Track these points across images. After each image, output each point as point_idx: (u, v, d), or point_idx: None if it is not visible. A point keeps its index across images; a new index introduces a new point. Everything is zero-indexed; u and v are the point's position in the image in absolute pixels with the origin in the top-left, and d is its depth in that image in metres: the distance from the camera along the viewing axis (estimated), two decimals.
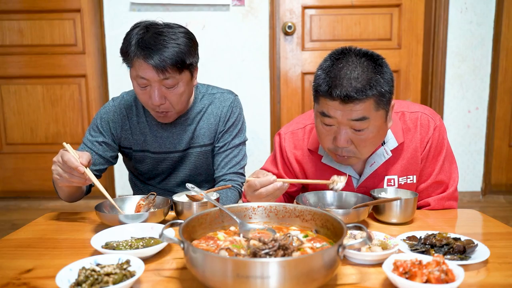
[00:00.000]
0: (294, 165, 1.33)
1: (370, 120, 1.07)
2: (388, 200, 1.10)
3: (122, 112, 1.45)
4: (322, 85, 1.07)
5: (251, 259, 0.73)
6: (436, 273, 0.72)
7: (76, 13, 2.83)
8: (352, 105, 1.04)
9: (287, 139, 1.34)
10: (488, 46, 2.82)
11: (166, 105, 1.31)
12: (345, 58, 1.07)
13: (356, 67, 1.05)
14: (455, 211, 1.29)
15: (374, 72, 1.05)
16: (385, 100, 1.08)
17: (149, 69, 1.22)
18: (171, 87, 1.27)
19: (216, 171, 1.50)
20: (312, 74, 2.89)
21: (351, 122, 1.07)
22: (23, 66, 2.90)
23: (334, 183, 1.08)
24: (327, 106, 1.08)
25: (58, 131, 2.97)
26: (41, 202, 2.99)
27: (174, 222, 0.85)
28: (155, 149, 1.45)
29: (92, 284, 0.72)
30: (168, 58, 1.21)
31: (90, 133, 1.44)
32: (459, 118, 2.89)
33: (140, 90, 1.29)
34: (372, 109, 1.06)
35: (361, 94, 1.03)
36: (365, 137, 1.10)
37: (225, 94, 1.50)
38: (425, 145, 1.25)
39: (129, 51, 1.24)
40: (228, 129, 1.48)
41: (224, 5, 2.77)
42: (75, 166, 1.08)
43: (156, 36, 1.22)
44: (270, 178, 1.07)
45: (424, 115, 1.26)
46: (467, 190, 2.96)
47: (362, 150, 1.13)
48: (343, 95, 1.03)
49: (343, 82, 1.03)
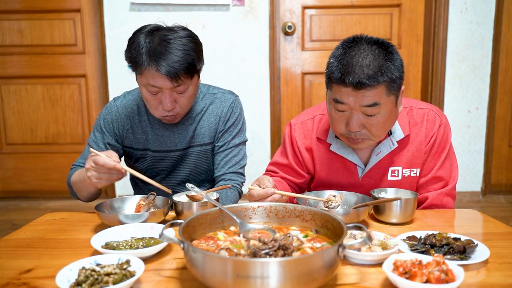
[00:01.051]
0: (304, 154, 1.36)
1: (381, 106, 1.11)
2: (388, 200, 1.10)
3: (124, 111, 1.46)
4: (335, 72, 1.10)
5: (251, 259, 0.73)
6: (436, 273, 0.72)
7: (76, 13, 2.83)
8: (364, 91, 1.08)
9: (297, 129, 1.37)
10: (488, 46, 2.82)
11: (176, 109, 1.32)
12: (357, 46, 1.11)
13: (368, 55, 1.08)
14: (455, 211, 1.29)
15: (385, 59, 1.09)
16: (396, 86, 1.11)
17: (162, 78, 1.24)
18: (182, 92, 1.30)
19: (216, 170, 1.51)
20: (312, 74, 2.89)
21: (363, 107, 1.11)
22: (23, 66, 2.90)
23: (329, 202, 1.14)
24: (340, 92, 1.11)
25: (58, 131, 2.97)
26: (41, 202, 3.00)
27: (174, 222, 0.85)
28: (156, 147, 1.46)
29: (92, 284, 0.72)
30: (180, 67, 1.23)
31: (94, 135, 1.46)
32: (459, 118, 2.89)
33: (150, 96, 1.30)
34: (383, 95, 1.10)
35: (373, 81, 1.06)
36: (377, 121, 1.14)
37: (226, 94, 1.51)
38: (430, 140, 1.28)
39: (140, 61, 1.24)
40: (228, 128, 1.49)
41: (224, 5, 2.77)
42: (112, 166, 1.12)
43: (166, 44, 1.23)
44: (268, 191, 1.10)
45: (432, 111, 1.30)
46: (467, 190, 2.96)
47: (375, 133, 1.17)
48: (356, 82, 1.06)
49: (356, 69, 1.07)
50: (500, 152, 2.93)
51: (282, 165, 1.41)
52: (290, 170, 1.40)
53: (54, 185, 3.00)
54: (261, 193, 1.09)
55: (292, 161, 1.38)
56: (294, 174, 1.40)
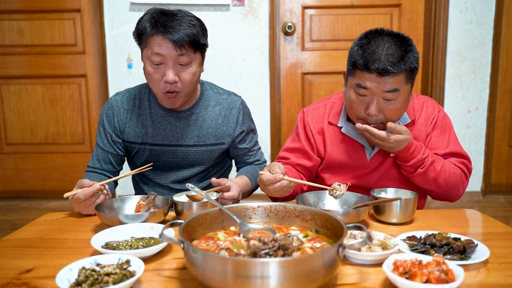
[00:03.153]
0: (316, 137, 1.44)
1: (400, 92, 1.21)
2: (388, 200, 1.10)
3: (124, 105, 1.47)
4: (360, 59, 1.21)
5: (251, 259, 0.73)
6: (436, 273, 0.72)
7: (76, 13, 2.83)
8: (387, 77, 1.18)
9: (309, 114, 1.46)
10: (488, 46, 2.82)
11: (178, 84, 1.33)
12: (380, 36, 1.22)
13: (391, 45, 1.20)
14: (455, 211, 1.29)
15: (406, 50, 1.20)
16: (414, 75, 1.24)
17: (167, 44, 1.27)
18: (185, 64, 1.32)
19: (238, 166, 1.64)
20: (312, 74, 2.89)
21: (384, 93, 1.20)
22: (23, 66, 2.90)
23: (333, 191, 1.14)
24: (363, 78, 1.21)
25: (58, 131, 2.97)
26: (41, 202, 2.99)
27: (174, 222, 0.85)
28: (156, 141, 1.46)
29: (92, 284, 0.72)
30: (185, 35, 1.27)
31: (99, 130, 1.50)
32: (459, 118, 2.89)
33: (153, 69, 1.32)
34: (403, 82, 1.21)
35: (396, 68, 1.17)
36: (394, 106, 1.23)
37: (231, 96, 1.54)
38: (431, 122, 1.38)
39: (146, 30, 1.29)
40: (241, 134, 1.54)
41: (224, 5, 2.77)
42: (93, 191, 1.18)
43: (173, 16, 1.29)
44: (277, 177, 1.14)
45: (430, 100, 1.42)
46: (467, 190, 2.93)
47: (390, 118, 1.25)
48: (381, 69, 1.17)
49: (381, 57, 1.18)
50: (500, 152, 2.92)
51: (294, 150, 1.47)
52: (302, 154, 1.45)
53: (54, 185, 3.00)
54: (270, 178, 1.14)
55: (304, 143, 1.45)
56: (305, 157, 1.45)
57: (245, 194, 1.46)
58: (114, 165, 1.50)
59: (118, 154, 1.50)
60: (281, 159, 1.49)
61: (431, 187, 1.31)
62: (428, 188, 1.33)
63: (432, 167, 1.27)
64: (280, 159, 1.49)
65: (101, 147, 1.48)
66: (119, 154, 1.50)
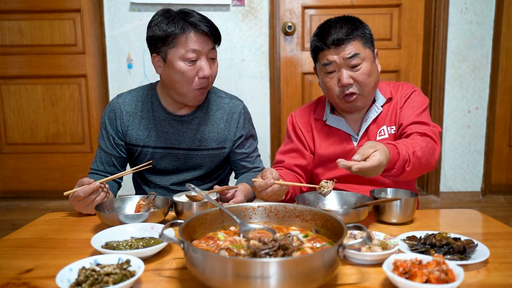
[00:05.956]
0: (306, 134, 1.51)
1: (361, 56, 1.32)
2: (388, 200, 1.10)
3: (127, 108, 1.47)
4: (317, 42, 1.36)
5: (251, 259, 0.73)
6: (436, 273, 0.72)
7: (76, 13, 2.83)
8: (343, 46, 1.31)
9: (297, 116, 1.55)
10: (488, 46, 2.82)
11: (209, 79, 1.37)
12: (328, 20, 1.38)
13: (339, 22, 1.35)
14: (455, 211, 1.29)
15: (353, 23, 1.34)
16: (369, 39, 1.36)
17: (202, 38, 1.30)
18: (214, 58, 1.37)
19: (237, 173, 1.62)
20: (312, 74, 2.89)
21: (347, 60, 1.31)
22: (23, 66, 2.89)
23: (321, 188, 1.15)
24: (325, 56, 1.34)
25: (58, 131, 2.97)
26: (41, 202, 2.99)
27: (174, 222, 0.85)
28: (158, 144, 1.46)
29: (92, 284, 0.72)
30: (212, 28, 1.33)
31: (101, 132, 1.50)
32: (459, 118, 2.88)
33: (188, 67, 1.33)
34: (360, 46, 1.33)
35: (349, 35, 1.31)
36: (362, 71, 1.33)
37: (233, 101, 1.54)
38: (405, 97, 1.44)
39: (174, 30, 1.29)
40: (241, 137, 1.53)
41: (224, 5, 2.77)
42: (92, 188, 1.18)
43: (191, 12, 1.33)
44: (267, 182, 1.16)
45: (407, 84, 1.49)
46: (467, 190, 2.96)
47: (364, 88, 1.34)
48: (336, 39, 1.31)
49: (333, 31, 1.33)
50: (500, 152, 2.92)
51: (287, 151, 1.52)
52: (296, 153, 1.50)
53: (54, 185, 2.99)
54: (262, 184, 1.17)
55: (297, 143, 1.51)
56: (300, 156, 1.50)
57: (249, 201, 1.46)
58: (117, 167, 1.51)
59: (121, 156, 1.50)
60: (276, 163, 1.52)
61: (417, 174, 1.27)
62: (415, 176, 1.31)
63: (414, 157, 1.18)
64: (276, 163, 1.53)
65: (104, 150, 1.48)
66: (121, 156, 1.50)
